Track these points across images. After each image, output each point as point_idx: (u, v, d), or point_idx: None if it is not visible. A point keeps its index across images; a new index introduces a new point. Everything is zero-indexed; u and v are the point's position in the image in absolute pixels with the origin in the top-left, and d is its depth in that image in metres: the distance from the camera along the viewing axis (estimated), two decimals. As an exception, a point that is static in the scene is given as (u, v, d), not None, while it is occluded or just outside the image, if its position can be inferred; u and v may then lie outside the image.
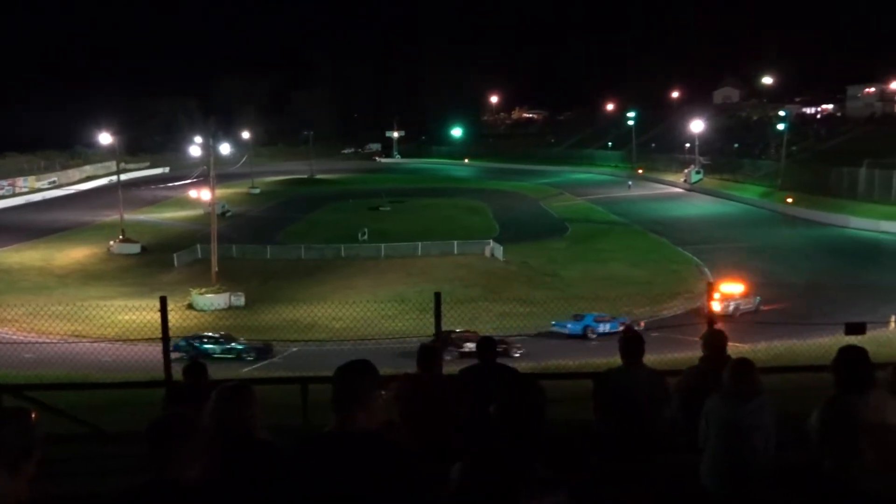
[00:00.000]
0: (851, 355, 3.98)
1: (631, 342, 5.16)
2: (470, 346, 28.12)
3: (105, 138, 78.57)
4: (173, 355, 8.06)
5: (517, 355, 26.10)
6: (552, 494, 2.68)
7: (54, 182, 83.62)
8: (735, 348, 16.37)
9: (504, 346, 25.83)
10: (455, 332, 24.97)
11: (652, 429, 4.98)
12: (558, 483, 2.71)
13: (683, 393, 5.19)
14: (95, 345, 23.19)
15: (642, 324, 28.71)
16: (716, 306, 29.19)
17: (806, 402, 4.28)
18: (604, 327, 30.67)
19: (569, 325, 30.87)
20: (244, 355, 28.40)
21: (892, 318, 25.39)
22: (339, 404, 2.79)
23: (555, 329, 30.90)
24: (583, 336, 30.40)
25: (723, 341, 5.45)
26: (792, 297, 34.59)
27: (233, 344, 29.07)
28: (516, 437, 2.89)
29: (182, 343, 26.54)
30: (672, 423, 5.28)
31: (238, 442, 3.06)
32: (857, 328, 8.10)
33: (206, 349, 27.94)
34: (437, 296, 7.98)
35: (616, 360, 5.43)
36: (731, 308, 30.86)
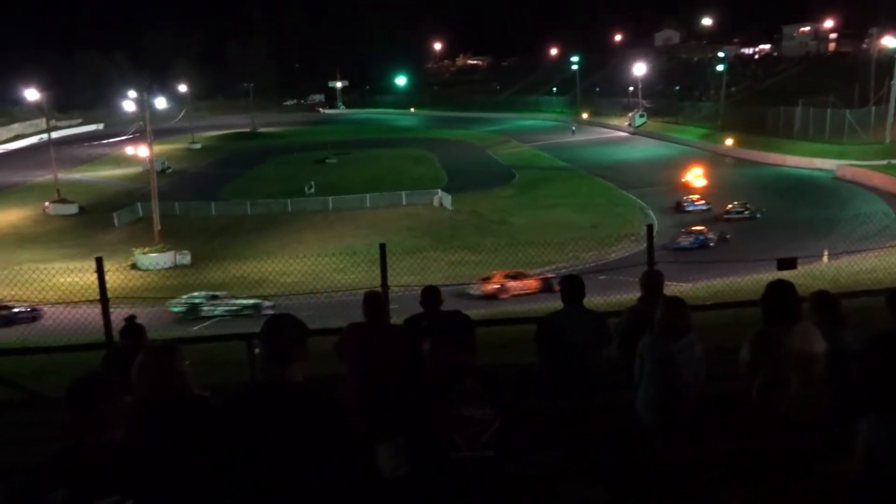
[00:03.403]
0: (777, 289, 4.13)
1: (571, 285, 5.23)
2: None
3: (32, 94, 75.14)
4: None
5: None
6: (480, 406, 2.93)
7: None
8: (678, 288, 16.92)
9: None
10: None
11: (592, 369, 5.12)
12: (486, 396, 2.96)
13: (623, 333, 5.33)
14: (35, 310, 22.62)
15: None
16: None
17: (741, 336, 4.43)
18: None
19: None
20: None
21: (826, 252, 26.30)
22: (269, 358, 2.80)
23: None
24: None
25: (660, 282, 5.59)
26: (733, 236, 35.67)
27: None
28: (447, 357, 3.13)
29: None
30: (613, 362, 5.44)
31: (171, 400, 3.05)
32: (788, 263, 8.41)
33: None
34: (382, 247, 8.24)
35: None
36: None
